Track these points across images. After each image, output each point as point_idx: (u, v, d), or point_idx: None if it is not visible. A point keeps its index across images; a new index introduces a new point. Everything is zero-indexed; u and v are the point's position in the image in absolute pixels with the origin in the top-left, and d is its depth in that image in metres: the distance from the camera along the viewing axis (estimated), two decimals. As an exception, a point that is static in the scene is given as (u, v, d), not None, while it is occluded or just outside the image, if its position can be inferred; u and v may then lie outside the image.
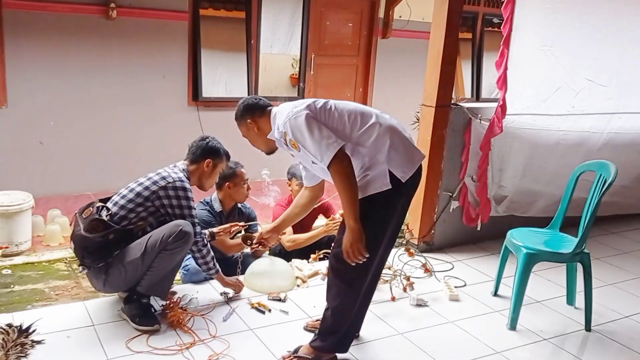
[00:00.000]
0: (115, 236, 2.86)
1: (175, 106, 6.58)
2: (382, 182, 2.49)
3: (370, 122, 2.53)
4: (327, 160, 2.39)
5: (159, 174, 3.02)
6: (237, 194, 3.74)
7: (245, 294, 3.41)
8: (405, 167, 2.52)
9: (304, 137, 2.45)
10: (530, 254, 3.11)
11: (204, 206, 3.76)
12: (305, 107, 2.52)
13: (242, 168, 3.79)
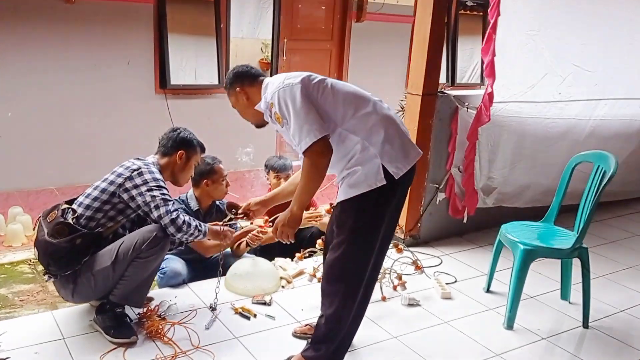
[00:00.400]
0: (83, 241, 2.61)
1: (142, 94, 6.24)
2: (375, 179, 2.30)
3: (366, 110, 2.34)
4: (304, 147, 2.22)
5: (123, 166, 2.77)
6: (215, 192, 3.51)
7: (228, 297, 3.20)
8: (399, 163, 2.34)
9: (288, 112, 2.25)
10: (527, 251, 2.97)
11: (179, 204, 3.51)
12: (299, 80, 2.31)
13: (221, 163, 3.56)
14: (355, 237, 2.37)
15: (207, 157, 3.55)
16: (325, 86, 2.34)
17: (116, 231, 2.76)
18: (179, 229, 2.70)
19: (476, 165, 4.00)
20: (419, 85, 3.82)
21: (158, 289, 3.30)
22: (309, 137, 2.19)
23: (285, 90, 2.28)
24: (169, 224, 2.67)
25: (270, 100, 2.33)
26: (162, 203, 2.67)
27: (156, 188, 2.68)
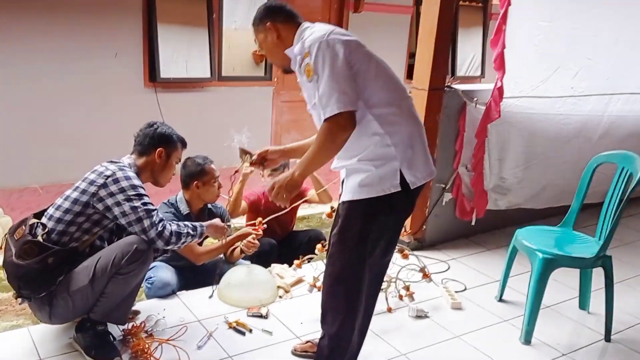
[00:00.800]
0: (56, 259, 2.33)
1: (130, 88, 5.97)
2: (390, 184, 2.07)
3: (400, 104, 2.11)
4: (328, 114, 1.96)
5: (95, 171, 2.47)
6: (206, 194, 3.26)
7: (221, 309, 2.96)
8: (417, 172, 2.11)
9: (324, 69, 1.96)
10: (547, 260, 2.74)
11: (169, 208, 3.26)
12: (350, 39, 2.04)
13: (212, 164, 3.30)
14: (359, 245, 2.15)
15: (197, 157, 3.31)
16: (371, 60, 2.07)
17: (93, 243, 2.49)
18: (167, 242, 2.45)
19: (485, 165, 3.76)
20: (425, 80, 3.57)
21: (145, 300, 3.05)
22: (337, 106, 1.93)
23: (330, 43, 1.98)
24: (155, 238, 2.41)
25: (307, 48, 2.02)
26: (145, 215, 2.40)
27: (135, 197, 2.40)
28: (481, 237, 4.11)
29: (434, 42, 3.48)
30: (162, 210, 3.21)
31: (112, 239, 2.62)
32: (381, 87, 2.07)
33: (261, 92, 6.83)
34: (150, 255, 2.48)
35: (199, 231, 2.60)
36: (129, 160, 2.58)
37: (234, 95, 6.56)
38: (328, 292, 2.26)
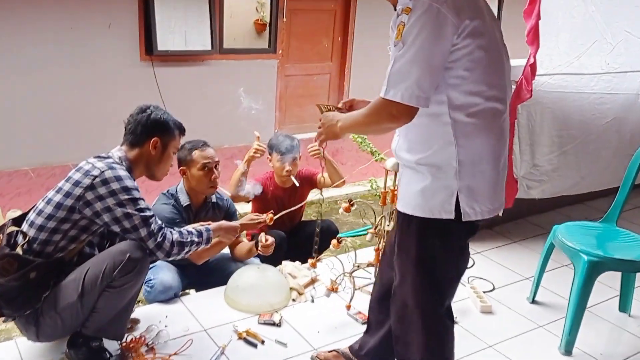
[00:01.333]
0: (39, 273, 2.04)
1: (125, 62, 5.59)
2: (442, 207, 1.72)
3: (485, 115, 1.69)
4: (387, 95, 1.62)
5: (81, 170, 2.13)
6: (196, 183, 2.90)
7: (229, 316, 2.68)
8: (478, 203, 1.73)
9: (414, 42, 1.57)
10: (594, 263, 2.45)
11: (168, 199, 2.93)
12: (458, 15, 1.58)
13: (205, 148, 2.91)
14: (424, 270, 1.83)
15: (193, 141, 2.95)
16: (482, 58, 1.64)
17: (81, 251, 2.20)
18: (168, 254, 2.16)
19: (515, 150, 3.44)
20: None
21: (145, 306, 2.77)
22: (400, 93, 1.59)
23: (433, 11, 1.56)
24: (154, 250, 2.12)
25: (410, 3, 1.60)
26: (141, 223, 2.09)
27: (129, 201, 2.09)
28: (505, 227, 3.83)
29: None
30: (161, 202, 2.90)
31: (102, 244, 2.32)
32: (475, 92, 1.67)
33: (265, 66, 6.45)
34: (147, 264, 2.20)
35: (206, 237, 2.30)
36: (119, 153, 2.25)
37: (236, 69, 6.19)
38: (401, 317, 1.94)
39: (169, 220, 2.78)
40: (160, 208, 2.83)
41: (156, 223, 2.15)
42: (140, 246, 2.14)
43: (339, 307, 2.79)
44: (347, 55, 7.02)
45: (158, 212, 2.79)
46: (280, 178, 3.39)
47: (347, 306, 2.77)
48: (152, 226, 2.12)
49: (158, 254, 2.14)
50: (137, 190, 2.15)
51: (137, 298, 2.32)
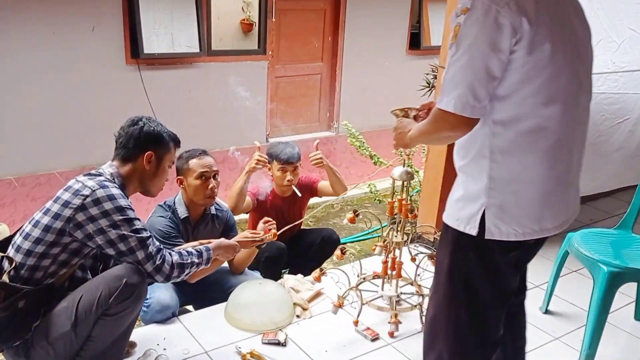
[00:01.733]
0: (28, 301, 1.89)
1: (111, 66, 5.38)
2: (468, 221, 1.61)
3: (530, 132, 1.53)
4: (441, 104, 1.50)
5: (70, 189, 1.98)
6: (193, 194, 2.74)
7: (230, 335, 2.54)
8: (505, 224, 1.59)
9: (464, 41, 1.45)
10: (615, 274, 2.34)
11: (165, 211, 2.77)
12: (521, 14, 1.44)
13: (203, 157, 2.76)
14: (456, 283, 1.70)
15: (192, 150, 2.81)
16: (540, 59, 1.47)
17: (73, 275, 2.04)
18: (168, 277, 2.02)
19: None
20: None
21: (141, 327, 2.61)
22: (452, 103, 1.47)
23: (492, 13, 1.42)
24: (153, 273, 1.98)
25: (469, 3, 1.47)
26: (138, 245, 1.95)
27: (123, 222, 1.94)
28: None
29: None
30: (157, 214, 2.75)
31: (96, 267, 2.17)
32: (525, 107, 1.50)
33: (255, 67, 6.28)
34: (145, 289, 2.05)
35: (206, 257, 2.16)
36: (111, 169, 2.10)
37: (225, 71, 6.02)
38: (426, 332, 1.85)
39: (164, 234, 2.63)
40: (155, 221, 2.69)
41: (154, 244, 2.00)
42: (138, 270, 1.99)
43: (346, 322, 2.67)
44: (338, 55, 6.87)
45: (153, 224, 2.65)
46: (281, 188, 3.25)
47: (354, 322, 2.65)
48: (150, 248, 1.97)
49: (157, 278, 2.00)
50: (132, 210, 2.00)
51: (135, 324, 2.17)
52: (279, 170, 3.20)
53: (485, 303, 1.70)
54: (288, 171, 3.18)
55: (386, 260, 2.66)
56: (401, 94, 7.24)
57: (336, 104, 7.09)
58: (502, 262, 1.67)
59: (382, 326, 2.64)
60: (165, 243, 2.55)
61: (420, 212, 3.46)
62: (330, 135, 7.16)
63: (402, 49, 7.38)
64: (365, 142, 4.19)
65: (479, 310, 1.71)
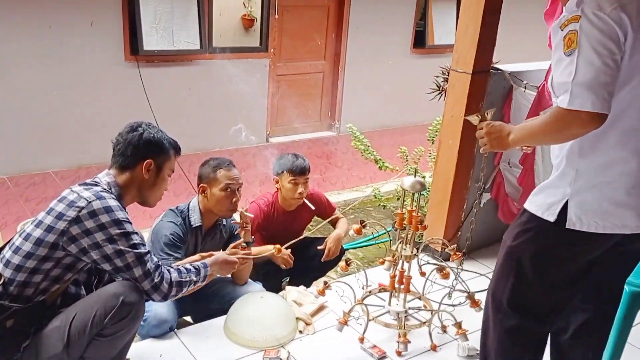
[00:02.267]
0: (18, 320, 1.78)
1: (109, 62, 5.27)
2: (547, 208, 1.77)
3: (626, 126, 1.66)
4: (573, 104, 1.58)
5: (64, 200, 1.85)
6: (215, 204, 2.65)
7: (231, 352, 2.43)
8: (585, 216, 1.72)
9: (585, 45, 1.57)
10: (637, 294, 2.21)
11: (176, 217, 2.65)
12: (630, 17, 1.57)
13: (231, 168, 2.67)
14: (510, 262, 1.90)
15: (219, 159, 2.71)
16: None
17: (66, 291, 1.92)
18: (166, 296, 1.91)
19: (537, 160, 3.19)
20: (469, 61, 2.98)
21: (137, 342, 2.49)
22: (590, 102, 1.56)
23: (602, 17, 1.56)
24: (151, 292, 1.87)
25: (579, 11, 1.59)
26: (136, 262, 1.83)
27: (120, 236, 1.82)
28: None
29: (481, 14, 2.87)
30: (168, 219, 2.62)
31: (90, 282, 2.04)
32: (620, 104, 1.61)
33: (256, 65, 6.16)
34: (142, 308, 1.93)
35: (203, 274, 2.07)
36: (108, 178, 1.97)
37: (226, 69, 5.89)
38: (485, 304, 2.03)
39: (169, 241, 2.53)
40: (165, 225, 2.58)
41: (152, 261, 1.88)
42: (136, 287, 1.87)
43: (351, 339, 2.55)
44: (341, 53, 6.75)
45: (162, 229, 2.56)
46: (289, 201, 3.10)
47: (360, 339, 2.53)
48: (148, 265, 1.85)
49: (154, 297, 1.88)
50: (130, 223, 1.88)
51: (131, 344, 2.05)
52: (289, 183, 3.05)
53: (530, 287, 1.87)
54: (299, 183, 3.05)
55: (394, 274, 2.53)
56: (405, 93, 7.15)
57: (338, 103, 6.97)
58: (566, 251, 1.80)
59: (389, 343, 2.52)
60: (171, 249, 2.46)
61: (428, 220, 3.33)
62: (332, 135, 7.04)
63: (407, 47, 7.25)
64: (370, 146, 4.06)
65: (521, 291, 1.88)
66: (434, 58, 6.78)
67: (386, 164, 4.03)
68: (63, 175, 5.05)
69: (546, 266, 1.84)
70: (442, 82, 3.80)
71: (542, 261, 1.84)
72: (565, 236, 1.75)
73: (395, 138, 6.97)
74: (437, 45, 7.31)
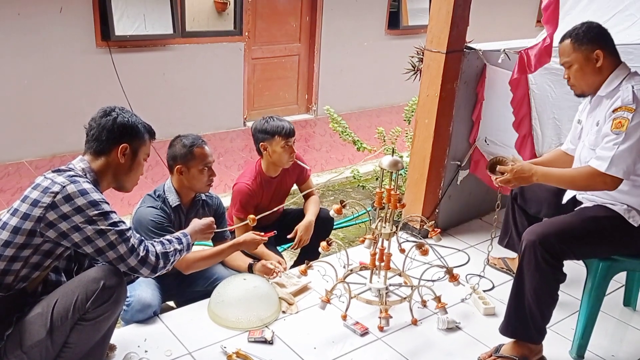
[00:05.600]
0: None
1: (80, 49, 5.18)
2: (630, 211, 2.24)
3: None
4: (610, 171, 2.12)
5: (39, 187, 1.83)
6: (194, 182, 2.66)
7: (215, 334, 2.45)
8: None
9: (633, 132, 2.10)
10: (609, 265, 2.30)
11: (155, 201, 2.64)
12: None
13: (205, 146, 2.67)
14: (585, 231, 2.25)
15: (187, 136, 2.68)
16: None
17: (46, 278, 1.92)
18: (154, 268, 1.91)
19: (535, 126, 3.18)
20: (442, 40, 3.01)
21: (121, 327, 2.50)
22: (622, 171, 2.12)
23: None
24: (138, 266, 1.87)
25: (633, 104, 2.11)
26: (118, 239, 1.83)
27: (99, 216, 1.82)
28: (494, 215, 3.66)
29: (454, -4, 2.89)
30: (147, 204, 2.62)
31: (70, 269, 2.04)
32: None
33: (231, 49, 6.11)
34: (124, 291, 1.94)
35: (186, 243, 2.09)
36: (82, 164, 1.96)
37: (200, 53, 5.83)
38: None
39: (157, 225, 2.54)
40: (146, 211, 2.57)
41: (135, 236, 1.89)
42: (116, 271, 1.88)
43: (334, 317, 2.59)
44: (316, 35, 6.73)
45: (144, 215, 2.55)
46: (280, 165, 3.06)
47: (342, 316, 2.58)
48: (132, 240, 1.86)
49: (142, 271, 1.89)
50: (107, 203, 1.88)
51: (114, 327, 2.06)
52: (282, 147, 3.00)
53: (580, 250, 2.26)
54: (292, 145, 3.03)
55: (374, 252, 2.58)
56: (380, 74, 7.17)
57: (315, 86, 6.96)
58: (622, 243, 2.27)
59: (371, 320, 2.58)
60: (158, 234, 2.45)
61: (406, 199, 3.39)
62: (309, 117, 7.05)
63: (381, 29, 7.26)
64: (347, 128, 4.08)
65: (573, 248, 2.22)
66: (408, 39, 6.80)
67: (364, 145, 4.06)
68: (37, 164, 4.98)
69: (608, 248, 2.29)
70: (417, 62, 3.83)
71: (607, 246, 2.28)
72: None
73: (372, 119, 7.01)
74: (411, 26, 7.34)
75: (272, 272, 2.76)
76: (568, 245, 2.19)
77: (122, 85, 5.15)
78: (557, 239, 2.18)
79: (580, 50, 2.23)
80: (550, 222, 2.31)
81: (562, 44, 2.30)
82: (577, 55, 2.24)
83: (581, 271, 2.43)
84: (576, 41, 2.24)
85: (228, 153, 5.71)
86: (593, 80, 2.25)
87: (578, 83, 2.30)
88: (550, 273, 2.18)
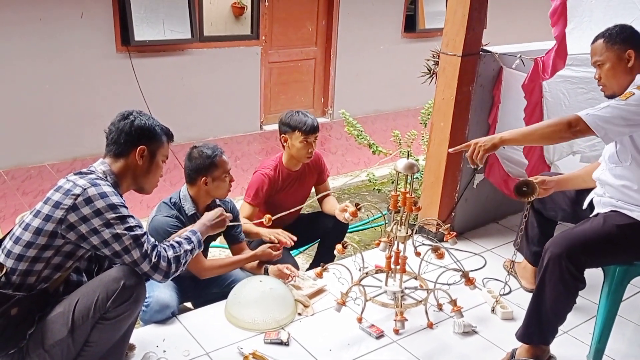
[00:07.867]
0: (22, 308, 1.82)
1: (100, 54, 5.27)
2: None
3: None
4: (585, 114, 2.10)
5: (61, 189, 1.89)
6: (216, 190, 2.71)
7: (231, 335, 2.48)
8: None
9: (627, 102, 2.09)
10: (626, 269, 2.28)
11: (171, 209, 2.67)
12: None
13: (223, 155, 2.72)
14: (600, 240, 2.23)
15: (205, 146, 2.72)
16: None
17: (68, 279, 1.96)
18: (166, 274, 1.94)
19: None
20: (458, 43, 3.02)
21: (140, 327, 2.54)
22: (593, 120, 2.09)
23: None
24: (150, 272, 1.90)
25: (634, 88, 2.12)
26: (133, 244, 1.87)
27: (117, 220, 1.86)
28: (512, 220, 3.66)
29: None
30: (163, 213, 2.65)
31: (91, 269, 2.08)
32: None
33: (248, 53, 6.16)
34: (143, 291, 1.98)
35: (196, 241, 2.11)
36: (103, 166, 2.01)
37: (218, 57, 5.89)
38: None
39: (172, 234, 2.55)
40: (162, 220, 2.60)
41: (149, 242, 1.92)
42: (135, 271, 1.91)
43: (350, 319, 2.60)
44: (332, 39, 6.76)
45: (160, 224, 2.58)
46: (297, 160, 3.10)
47: (358, 319, 2.59)
48: (145, 246, 1.89)
49: (155, 277, 1.93)
50: (125, 207, 1.92)
51: (134, 327, 2.10)
52: (301, 142, 3.03)
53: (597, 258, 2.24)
54: (311, 142, 3.05)
55: (390, 255, 2.59)
56: (396, 77, 7.17)
57: (331, 89, 6.99)
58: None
59: (386, 322, 2.58)
60: None
61: (422, 202, 3.39)
62: (325, 121, 7.07)
63: (397, 32, 7.27)
64: (363, 131, 4.09)
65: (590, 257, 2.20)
66: (424, 42, 6.80)
67: (380, 149, 4.07)
68: (59, 167, 5.07)
69: (622, 257, 2.28)
70: (432, 65, 3.83)
71: (621, 254, 2.27)
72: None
73: (388, 122, 7.01)
74: (427, 29, 7.33)
75: (287, 277, 2.79)
76: (591, 257, 2.19)
77: (142, 90, 5.23)
78: (582, 251, 2.17)
79: (613, 50, 2.25)
80: (574, 233, 2.26)
81: (594, 44, 2.32)
82: (610, 54, 2.26)
83: (599, 276, 2.42)
84: (609, 41, 2.26)
85: (245, 157, 5.75)
86: (624, 79, 2.25)
87: (609, 82, 2.29)
88: (572, 284, 2.18)
